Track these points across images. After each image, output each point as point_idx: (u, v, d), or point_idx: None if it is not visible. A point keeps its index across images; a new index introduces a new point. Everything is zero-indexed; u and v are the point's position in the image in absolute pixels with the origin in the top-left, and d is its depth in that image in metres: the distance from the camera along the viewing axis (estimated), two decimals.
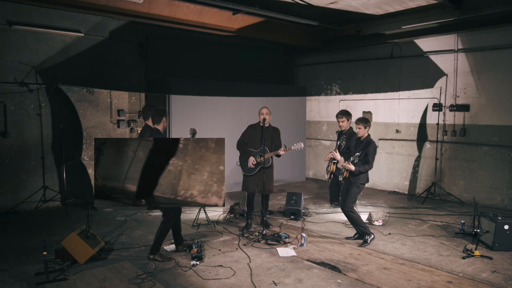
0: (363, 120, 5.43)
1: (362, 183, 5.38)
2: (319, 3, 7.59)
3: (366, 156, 5.26)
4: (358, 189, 5.38)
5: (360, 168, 5.22)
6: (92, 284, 4.16)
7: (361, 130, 5.41)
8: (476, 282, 4.23)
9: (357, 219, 5.41)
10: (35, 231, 5.95)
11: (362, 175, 5.33)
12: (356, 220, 5.40)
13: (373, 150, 5.30)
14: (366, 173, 5.36)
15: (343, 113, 6.72)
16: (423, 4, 7.30)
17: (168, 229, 4.87)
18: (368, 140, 5.39)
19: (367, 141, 5.38)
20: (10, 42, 6.98)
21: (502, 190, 7.38)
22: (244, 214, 6.61)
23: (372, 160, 5.28)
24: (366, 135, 5.43)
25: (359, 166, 5.21)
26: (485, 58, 7.51)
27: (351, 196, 5.36)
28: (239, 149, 5.96)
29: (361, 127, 5.40)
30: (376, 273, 4.45)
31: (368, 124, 5.42)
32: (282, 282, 4.22)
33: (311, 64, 10.87)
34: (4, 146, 7.01)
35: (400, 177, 8.94)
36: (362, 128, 5.40)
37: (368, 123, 5.43)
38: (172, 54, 9.01)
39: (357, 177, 5.31)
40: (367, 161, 5.25)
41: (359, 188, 5.39)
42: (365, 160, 5.26)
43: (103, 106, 7.99)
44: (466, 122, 7.82)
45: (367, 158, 5.25)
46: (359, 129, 5.41)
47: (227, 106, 8.72)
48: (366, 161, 5.25)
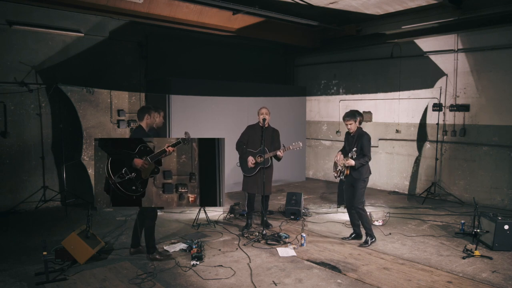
0: (351, 115, 5.29)
1: (367, 176, 5.34)
2: (319, 3, 7.59)
3: (362, 149, 5.21)
4: (365, 182, 5.33)
5: (361, 161, 5.17)
6: (92, 284, 4.16)
7: (352, 126, 5.30)
8: (476, 282, 4.23)
9: (366, 218, 5.38)
10: (35, 231, 5.95)
11: (364, 169, 5.27)
12: (366, 219, 5.37)
13: (368, 141, 5.23)
14: (367, 165, 5.31)
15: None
16: (423, 4, 7.29)
17: (153, 225, 4.81)
18: (359, 133, 5.31)
19: (359, 134, 5.31)
20: (10, 42, 6.98)
21: (502, 190, 7.38)
22: (244, 214, 6.61)
23: (369, 151, 5.22)
24: (356, 129, 5.34)
25: (358, 160, 5.16)
26: (485, 58, 7.51)
27: (359, 192, 5.30)
28: (238, 150, 5.95)
29: (351, 122, 5.28)
30: (376, 273, 4.45)
31: (356, 118, 5.30)
32: (282, 282, 4.22)
33: (311, 64, 10.87)
34: (4, 146, 7.01)
35: (400, 177, 8.94)
36: (353, 124, 5.30)
37: (356, 117, 5.30)
38: (172, 54, 9.01)
39: (359, 172, 5.25)
40: (364, 153, 5.21)
41: (365, 182, 5.34)
42: (361, 153, 5.22)
43: (103, 106, 7.98)
44: (466, 122, 7.82)
45: (363, 150, 5.21)
46: (350, 125, 5.30)
47: (227, 106, 8.72)
48: (363, 154, 5.21)
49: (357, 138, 5.29)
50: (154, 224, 4.85)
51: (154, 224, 4.85)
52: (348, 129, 5.37)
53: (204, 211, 6.43)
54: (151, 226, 4.80)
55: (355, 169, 5.25)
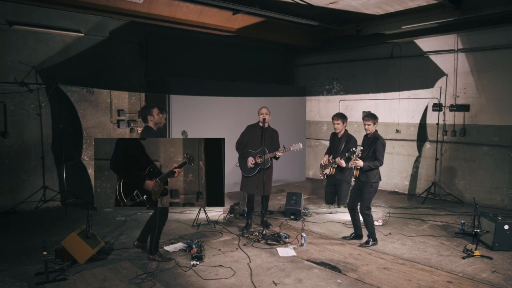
0: (372, 116, 5.30)
1: (375, 181, 5.25)
2: (319, 3, 7.59)
3: (375, 152, 5.16)
4: (372, 188, 5.25)
5: (370, 164, 5.11)
6: (92, 284, 4.16)
7: (370, 127, 5.27)
8: (476, 282, 4.23)
9: (371, 222, 5.36)
10: (35, 231, 5.95)
11: (373, 173, 5.20)
12: (371, 223, 5.36)
13: (382, 146, 5.18)
14: (377, 170, 5.25)
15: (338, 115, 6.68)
16: (423, 4, 7.29)
17: (161, 228, 4.85)
18: (375, 136, 5.27)
19: (375, 137, 5.26)
20: (10, 42, 6.98)
21: (502, 190, 7.38)
22: (244, 214, 6.61)
23: (382, 156, 5.16)
24: (374, 131, 5.32)
25: (368, 162, 5.11)
26: (485, 58, 7.51)
27: (366, 198, 5.26)
28: (237, 150, 5.95)
29: (370, 123, 5.25)
30: (376, 273, 4.45)
31: (376, 120, 5.32)
32: (282, 282, 4.22)
33: (311, 64, 10.87)
34: (4, 146, 7.01)
35: (400, 177, 8.94)
36: (371, 125, 5.26)
37: (376, 119, 5.32)
38: (172, 54, 9.01)
39: (367, 176, 5.20)
40: (376, 157, 5.15)
41: (373, 187, 5.26)
42: (373, 156, 5.17)
43: (103, 106, 7.98)
44: (466, 122, 7.82)
45: (376, 154, 5.15)
46: (368, 125, 5.27)
47: (227, 106, 8.72)
48: (375, 158, 5.15)
49: (373, 141, 5.23)
50: (163, 228, 4.88)
51: (163, 227, 4.88)
52: (366, 129, 5.31)
53: (204, 211, 6.43)
54: (161, 228, 4.83)
55: (363, 172, 5.20)
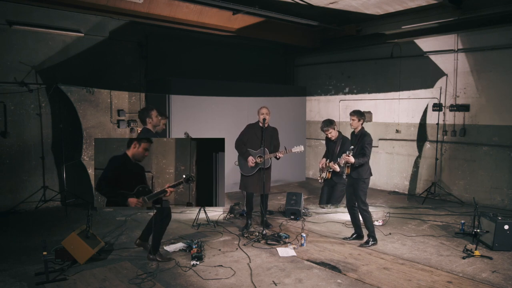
0: (357, 112, 5.37)
1: (366, 177, 5.33)
2: (319, 3, 7.59)
3: (363, 148, 5.23)
4: (365, 183, 5.32)
5: (359, 160, 5.17)
6: (92, 284, 4.17)
7: (354, 122, 5.34)
8: (476, 282, 4.23)
9: (370, 220, 5.38)
10: (35, 231, 5.95)
11: (363, 169, 5.27)
12: (370, 221, 5.37)
13: (369, 142, 5.26)
14: (367, 166, 5.31)
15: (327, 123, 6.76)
16: (423, 4, 7.29)
17: (164, 228, 4.86)
18: (362, 132, 5.35)
19: (362, 133, 5.34)
20: (10, 42, 6.98)
21: (502, 190, 7.38)
22: (244, 214, 6.61)
23: (369, 152, 5.25)
24: (360, 127, 5.37)
25: (358, 158, 5.17)
26: (485, 58, 7.51)
27: (359, 193, 5.31)
28: (237, 149, 5.95)
29: (354, 118, 5.33)
30: (376, 273, 4.45)
31: (362, 117, 5.36)
32: (282, 282, 4.22)
33: (311, 64, 10.87)
34: (4, 146, 7.01)
35: (400, 177, 8.94)
36: (355, 120, 5.33)
37: (362, 116, 5.37)
38: (172, 54, 9.01)
39: (359, 173, 5.25)
40: (364, 153, 5.22)
41: (365, 183, 5.34)
42: (361, 153, 5.23)
43: (103, 106, 7.98)
44: (466, 122, 7.82)
45: (364, 150, 5.22)
46: (353, 120, 5.34)
47: (227, 106, 8.72)
48: (363, 154, 5.22)
49: (360, 137, 5.31)
50: (165, 228, 4.88)
51: (166, 227, 4.88)
52: (350, 124, 5.42)
53: (204, 211, 6.43)
54: (163, 229, 4.83)
55: (354, 169, 5.26)
